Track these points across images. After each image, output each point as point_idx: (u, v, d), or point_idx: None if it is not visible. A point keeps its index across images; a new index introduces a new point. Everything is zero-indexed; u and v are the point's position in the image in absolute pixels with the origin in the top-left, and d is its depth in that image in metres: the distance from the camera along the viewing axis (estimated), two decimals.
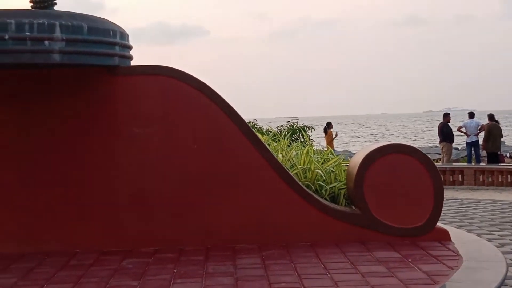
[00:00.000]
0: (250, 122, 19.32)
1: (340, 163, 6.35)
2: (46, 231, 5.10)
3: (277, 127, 20.44)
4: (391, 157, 5.29)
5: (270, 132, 18.34)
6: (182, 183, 5.16)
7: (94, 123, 5.12)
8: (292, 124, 20.03)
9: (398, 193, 5.26)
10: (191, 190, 5.16)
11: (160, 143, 5.14)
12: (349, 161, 6.59)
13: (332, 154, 6.97)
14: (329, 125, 18.99)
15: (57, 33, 4.52)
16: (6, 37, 4.36)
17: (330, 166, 6.30)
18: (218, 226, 5.19)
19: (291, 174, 5.42)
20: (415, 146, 5.68)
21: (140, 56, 5.68)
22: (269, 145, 7.04)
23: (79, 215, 5.11)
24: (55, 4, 5.52)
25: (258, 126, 20.24)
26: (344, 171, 6.23)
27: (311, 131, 21.07)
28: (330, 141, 18.65)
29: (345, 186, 5.73)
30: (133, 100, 5.14)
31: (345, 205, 5.65)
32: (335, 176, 6.13)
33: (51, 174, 5.11)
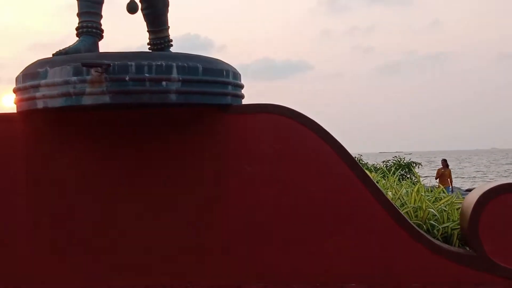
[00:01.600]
0: (355, 157, 19.17)
1: (453, 202, 6.18)
2: (162, 266, 5.25)
3: (383, 162, 20.16)
4: (508, 197, 5.08)
5: (376, 167, 18.21)
6: (292, 221, 5.17)
7: (206, 160, 5.25)
8: (399, 160, 19.70)
9: None
10: (300, 228, 5.17)
11: (270, 180, 5.20)
12: (461, 199, 6.41)
13: (444, 192, 6.80)
14: (442, 162, 18.59)
15: (174, 74, 4.70)
16: (127, 78, 4.58)
17: (442, 204, 6.15)
18: (327, 265, 5.15)
19: (402, 213, 5.31)
20: None
21: (246, 92, 5.81)
22: (377, 182, 6.96)
23: (191, 248, 5.22)
24: (172, 45, 5.78)
25: (363, 162, 20.05)
26: (457, 209, 6.05)
27: (418, 167, 20.63)
28: (438, 177, 18.25)
29: (459, 226, 5.56)
30: (245, 138, 5.23)
31: (458, 246, 5.47)
32: (447, 215, 5.97)
33: (165, 208, 5.27)
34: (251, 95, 5.50)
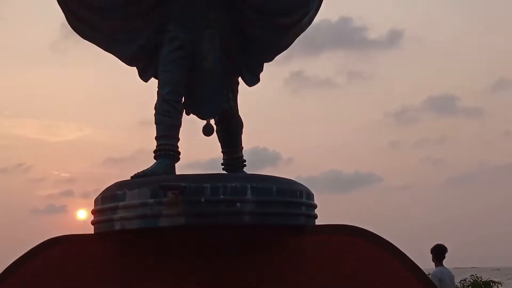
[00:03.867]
0: (429, 274, 18.50)
1: None
2: None
3: (460, 281, 19.35)
4: None
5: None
6: None
7: (279, 284, 5.15)
8: (476, 278, 18.88)
9: None
10: None
11: None
12: None
13: None
14: None
15: (248, 196, 4.73)
16: (202, 200, 4.64)
17: None
18: None
19: None
20: None
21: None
22: None
23: None
24: (245, 165, 5.85)
25: None
26: None
27: (498, 287, 19.68)
28: None
29: None
30: (319, 259, 5.13)
31: None
32: None
33: None
34: (319, 209, 5.47)
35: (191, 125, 5.57)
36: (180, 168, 5.30)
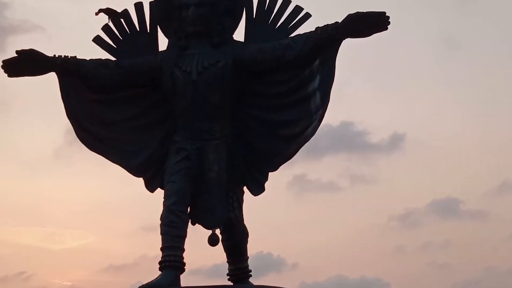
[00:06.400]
0: None
1: None
2: None
3: None
4: None
5: None
6: None
7: None
8: None
9: None
10: None
11: None
12: None
13: None
14: None
15: None
16: None
17: None
18: None
19: None
20: None
21: None
22: None
23: None
24: (251, 276, 5.78)
25: None
26: None
27: None
28: None
29: None
30: None
31: None
32: None
33: None
34: None
35: (194, 230, 5.54)
36: (184, 275, 5.21)
